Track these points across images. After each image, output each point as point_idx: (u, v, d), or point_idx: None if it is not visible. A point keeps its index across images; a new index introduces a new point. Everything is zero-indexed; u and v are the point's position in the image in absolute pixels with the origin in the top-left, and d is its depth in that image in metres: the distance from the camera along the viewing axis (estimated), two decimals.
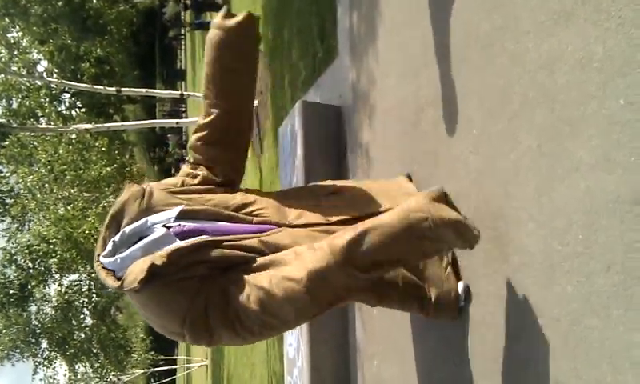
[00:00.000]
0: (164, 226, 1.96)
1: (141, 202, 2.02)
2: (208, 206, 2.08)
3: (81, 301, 17.72)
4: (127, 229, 1.95)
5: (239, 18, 2.10)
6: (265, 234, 2.06)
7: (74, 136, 13.51)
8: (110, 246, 1.94)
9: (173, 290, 1.85)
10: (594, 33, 1.77)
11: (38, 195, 15.30)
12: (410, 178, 2.93)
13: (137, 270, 1.83)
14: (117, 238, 1.94)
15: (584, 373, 1.78)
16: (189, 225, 1.98)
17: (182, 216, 2.00)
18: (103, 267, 1.94)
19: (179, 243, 1.91)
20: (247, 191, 2.27)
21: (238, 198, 2.14)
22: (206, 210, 2.06)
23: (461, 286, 2.45)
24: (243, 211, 2.11)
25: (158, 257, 1.83)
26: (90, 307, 17.96)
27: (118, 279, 1.87)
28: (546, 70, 1.98)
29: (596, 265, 1.74)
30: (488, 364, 2.30)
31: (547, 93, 1.97)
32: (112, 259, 1.91)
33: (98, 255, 1.97)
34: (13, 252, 16.10)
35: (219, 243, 1.94)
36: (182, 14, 34.77)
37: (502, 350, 2.20)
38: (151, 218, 1.98)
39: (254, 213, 2.12)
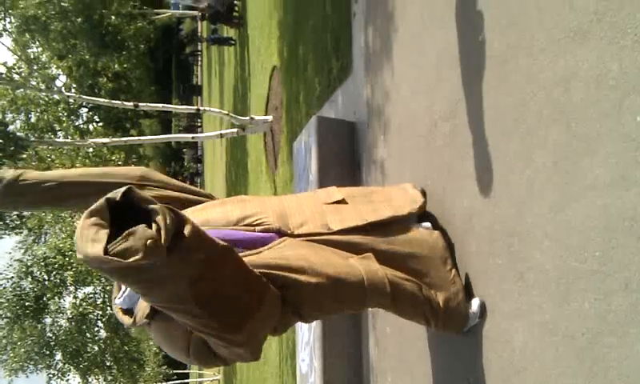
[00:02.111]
0: None
1: None
2: (202, 219, 2.12)
3: (95, 313, 17.79)
4: None
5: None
6: (267, 247, 2.09)
7: (91, 150, 13.66)
8: (122, 288, 2.00)
9: (173, 321, 1.88)
10: (609, 50, 1.77)
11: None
12: (423, 194, 2.93)
13: (143, 306, 1.88)
14: None
15: None
16: None
17: None
18: (120, 308, 2.00)
19: None
20: (243, 199, 2.31)
21: (237, 212, 2.17)
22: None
23: (476, 302, 2.43)
24: (244, 223, 2.14)
25: None
26: (104, 320, 18.02)
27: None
28: (561, 87, 1.98)
29: (613, 283, 1.73)
30: (502, 382, 2.27)
31: (562, 110, 1.97)
32: (122, 299, 1.98)
33: (114, 298, 2.03)
34: (29, 264, 16.24)
35: None
36: (199, 28, 35.15)
37: (516, 367, 2.18)
38: None
39: (255, 223, 2.16)
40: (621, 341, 1.70)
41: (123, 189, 1.51)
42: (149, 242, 1.38)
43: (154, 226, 1.43)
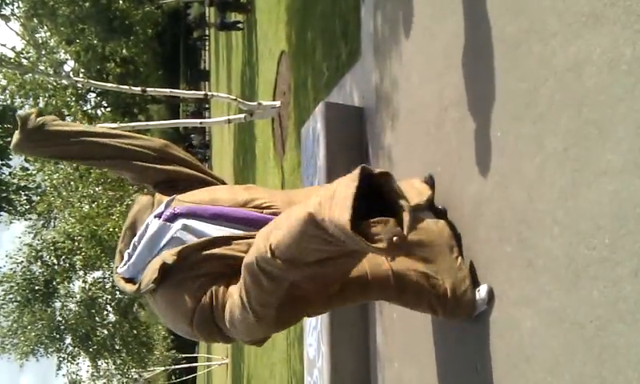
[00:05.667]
0: (155, 215, 1.99)
1: (151, 210, 2.07)
2: (211, 198, 2.11)
3: (104, 297, 17.94)
4: (135, 238, 2.00)
5: None
6: None
7: None
8: (125, 258, 2.00)
9: (183, 289, 1.88)
10: (623, 35, 1.75)
11: (64, 193, 15.54)
12: (432, 180, 2.92)
13: (150, 271, 1.87)
14: (130, 250, 1.99)
15: (610, 379, 1.75)
16: (180, 207, 2.01)
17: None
18: (122, 277, 2.00)
19: (190, 231, 1.95)
20: (250, 186, 2.31)
21: (245, 195, 2.17)
22: (201, 199, 2.10)
23: (484, 289, 2.43)
24: (251, 205, 2.14)
25: (169, 255, 1.87)
26: (113, 304, 18.17)
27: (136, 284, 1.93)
28: (574, 72, 1.95)
29: (623, 270, 1.72)
30: (510, 369, 2.27)
31: (574, 95, 1.95)
32: (126, 268, 1.97)
33: (116, 267, 2.03)
34: (38, 248, 16.37)
35: (230, 240, 1.95)
36: (207, 13, 35.04)
37: (524, 354, 2.18)
38: (149, 218, 2.02)
39: (263, 205, 2.16)
40: (630, 328, 1.69)
41: (380, 170, 1.53)
42: (395, 238, 1.39)
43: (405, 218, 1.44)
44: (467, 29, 2.73)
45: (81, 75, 16.68)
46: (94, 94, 18.47)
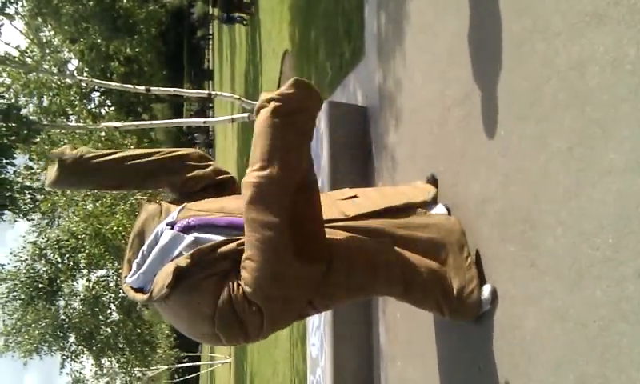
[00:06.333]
0: (167, 224, 2.00)
1: (159, 219, 2.07)
2: (218, 206, 2.11)
3: (108, 296, 17.93)
4: (144, 247, 2.00)
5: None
6: None
7: (103, 134, 13.72)
8: (134, 267, 2.00)
9: (199, 291, 1.87)
10: (626, 34, 1.74)
11: (68, 192, 15.55)
12: (434, 179, 2.92)
13: (163, 277, 1.87)
14: (138, 258, 2.00)
15: (613, 379, 1.75)
16: (194, 218, 2.01)
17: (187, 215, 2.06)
18: (131, 287, 2.00)
19: (201, 244, 1.94)
20: None
21: None
22: (212, 208, 2.10)
23: (487, 288, 2.43)
24: None
25: (182, 259, 1.87)
26: (116, 303, 18.17)
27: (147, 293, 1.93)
28: (577, 71, 1.95)
29: (626, 270, 1.71)
30: (513, 368, 2.27)
31: (578, 95, 1.95)
32: (135, 277, 1.97)
33: (125, 277, 2.03)
34: (42, 247, 16.38)
35: (234, 240, 1.96)
36: (210, 10, 35.06)
37: (527, 354, 2.18)
38: (159, 226, 2.02)
39: None
40: (634, 328, 1.69)
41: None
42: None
43: None
44: (470, 28, 2.73)
45: (85, 74, 16.69)
46: (97, 93, 18.48)
